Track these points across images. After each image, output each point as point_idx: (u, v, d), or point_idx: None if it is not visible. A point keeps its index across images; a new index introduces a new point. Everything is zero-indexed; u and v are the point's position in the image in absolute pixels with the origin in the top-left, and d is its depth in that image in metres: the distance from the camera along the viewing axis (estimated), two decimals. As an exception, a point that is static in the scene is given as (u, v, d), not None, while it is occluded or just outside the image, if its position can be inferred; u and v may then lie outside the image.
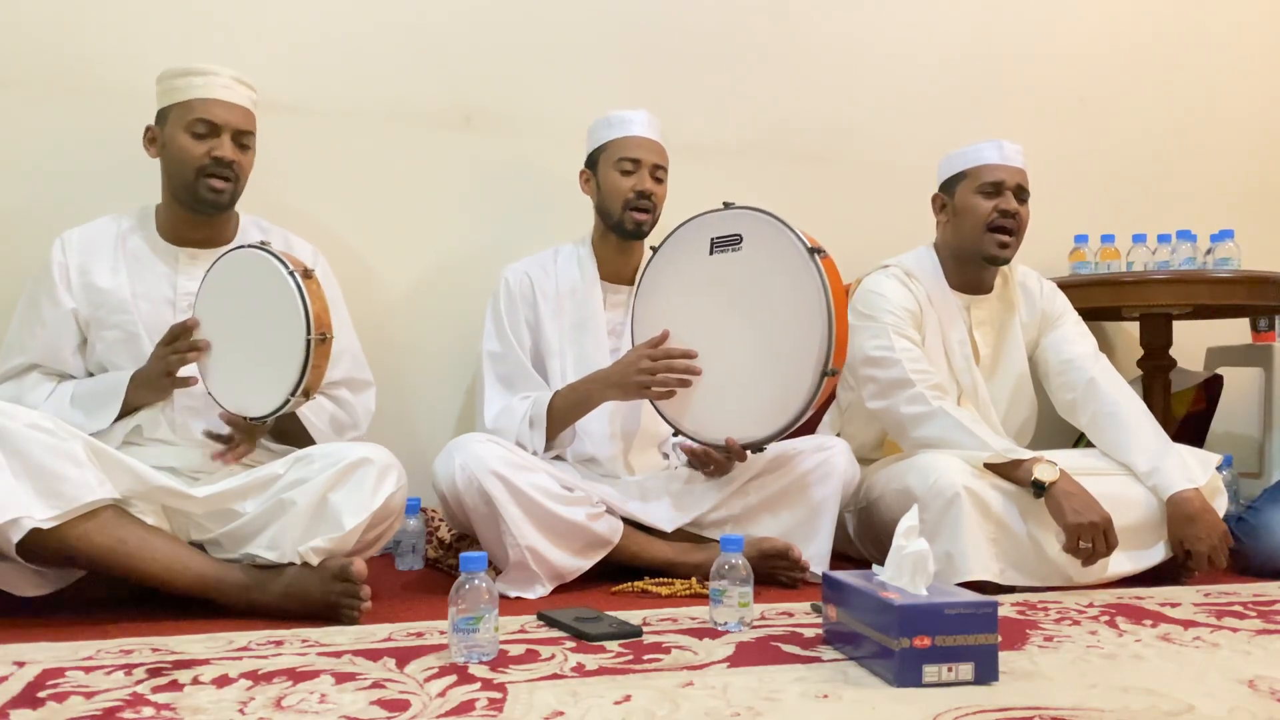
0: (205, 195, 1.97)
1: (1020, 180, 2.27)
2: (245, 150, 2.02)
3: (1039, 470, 1.99)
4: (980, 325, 2.32)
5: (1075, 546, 1.94)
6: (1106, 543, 1.94)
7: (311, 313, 1.73)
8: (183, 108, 1.97)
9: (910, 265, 2.33)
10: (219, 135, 1.97)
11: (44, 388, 1.95)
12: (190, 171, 1.96)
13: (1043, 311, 2.37)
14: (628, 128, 2.26)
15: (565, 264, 2.33)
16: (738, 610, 1.60)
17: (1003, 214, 2.23)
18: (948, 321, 2.28)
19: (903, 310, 2.23)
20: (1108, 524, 1.95)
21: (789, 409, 1.93)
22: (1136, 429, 2.17)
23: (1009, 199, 2.25)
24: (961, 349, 2.28)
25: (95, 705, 1.21)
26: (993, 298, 2.34)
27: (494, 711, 1.19)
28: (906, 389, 2.15)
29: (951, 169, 2.32)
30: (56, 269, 1.99)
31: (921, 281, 2.30)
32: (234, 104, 1.99)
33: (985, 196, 2.25)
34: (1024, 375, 2.35)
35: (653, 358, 2.01)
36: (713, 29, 2.87)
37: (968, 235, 2.27)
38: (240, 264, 1.84)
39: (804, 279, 1.91)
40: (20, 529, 1.55)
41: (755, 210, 1.98)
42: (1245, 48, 3.38)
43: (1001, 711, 1.19)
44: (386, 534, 1.85)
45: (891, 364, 2.17)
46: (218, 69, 1.99)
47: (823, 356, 1.90)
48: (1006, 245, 2.25)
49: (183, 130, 1.96)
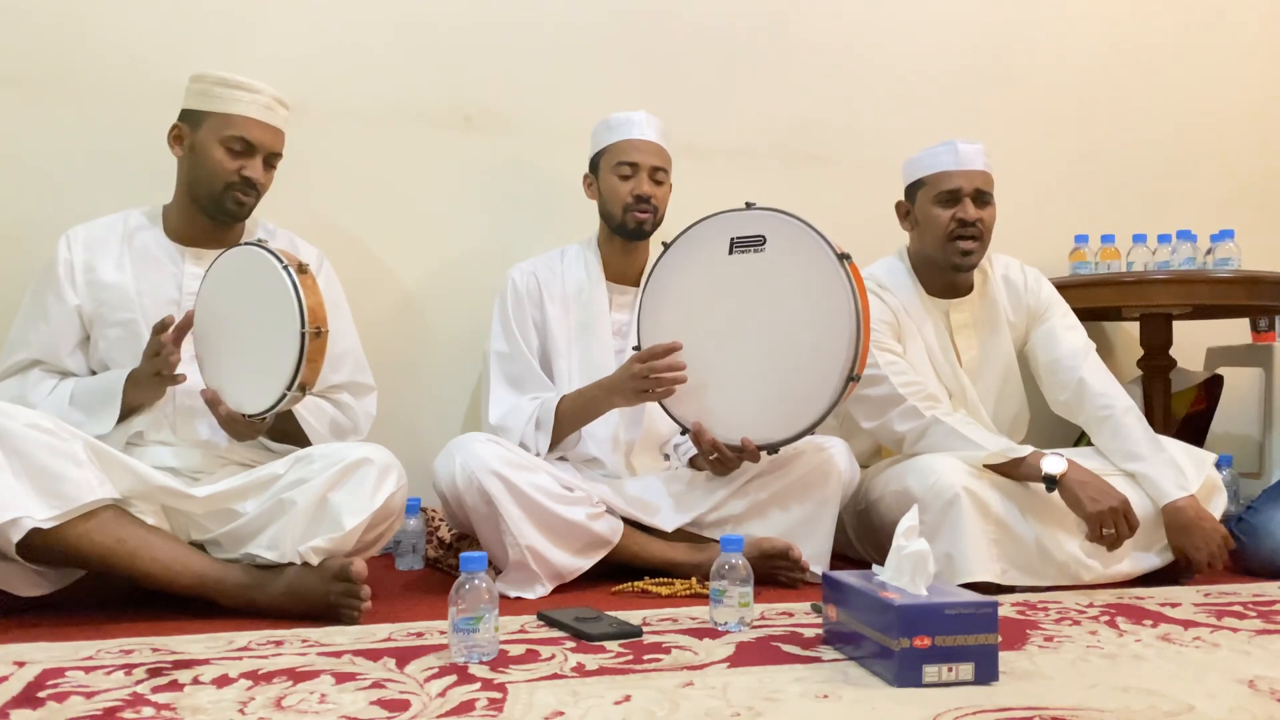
0: (230, 208, 1.99)
1: (979, 184, 2.21)
2: (270, 170, 2.04)
3: (1047, 464, 1.98)
4: (962, 328, 2.30)
5: (1099, 534, 1.93)
6: (1129, 525, 1.94)
7: (305, 306, 1.72)
8: (221, 120, 1.97)
9: (881, 276, 2.31)
10: (253, 155, 1.98)
11: (45, 385, 1.95)
12: (219, 185, 1.97)
13: (1028, 307, 2.34)
14: (626, 130, 2.26)
15: (572, 264, 2.33)
16: (738, 610, 1.60)
17: (961, 224, 2.20)
18: (926, 328, 2.27)
19: (880, 324, 2.19)
20: (1126, 506, 1.94)
21: (811, 412, 1.94)
22: (1128, 434, 2.14)
23: (967, 207, 2.20)
24: (945, 355, 2.27)
25: (95, 705, 1.21)
26: (973, 298, 2.32)
27: (494, 711, 1.19)
28: (897, 405, 2.15)
29: (910, 175, 2.29)
30: (62, 265, 1.99)
31: (894, 291, 2.28)
32: (271, 125, 2.01)
33: (943, 205, 2.21)
34: (1012, 372, 2.33)
35: (641, 360, 2.01)
36: (713, 29, 2.87)
37: (930, 245, 2.25)
38: (237, 262, 1.84)
39: (833, 283, 1.91)
40: (20, 529, 1.55)
41: (780, 212, 1.98)
42: (1245, 48, 3.38)
43: (1001, 711, 1.19)
44: (387, 534, 1.85)
45: (879, 381, 2.16)
46: (261, 86, 1.99)
47: (849, 361, 1.90)
48: (970, 252, 2.22)
49: (218, 142, 1.97)
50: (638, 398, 2.06)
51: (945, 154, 2.22)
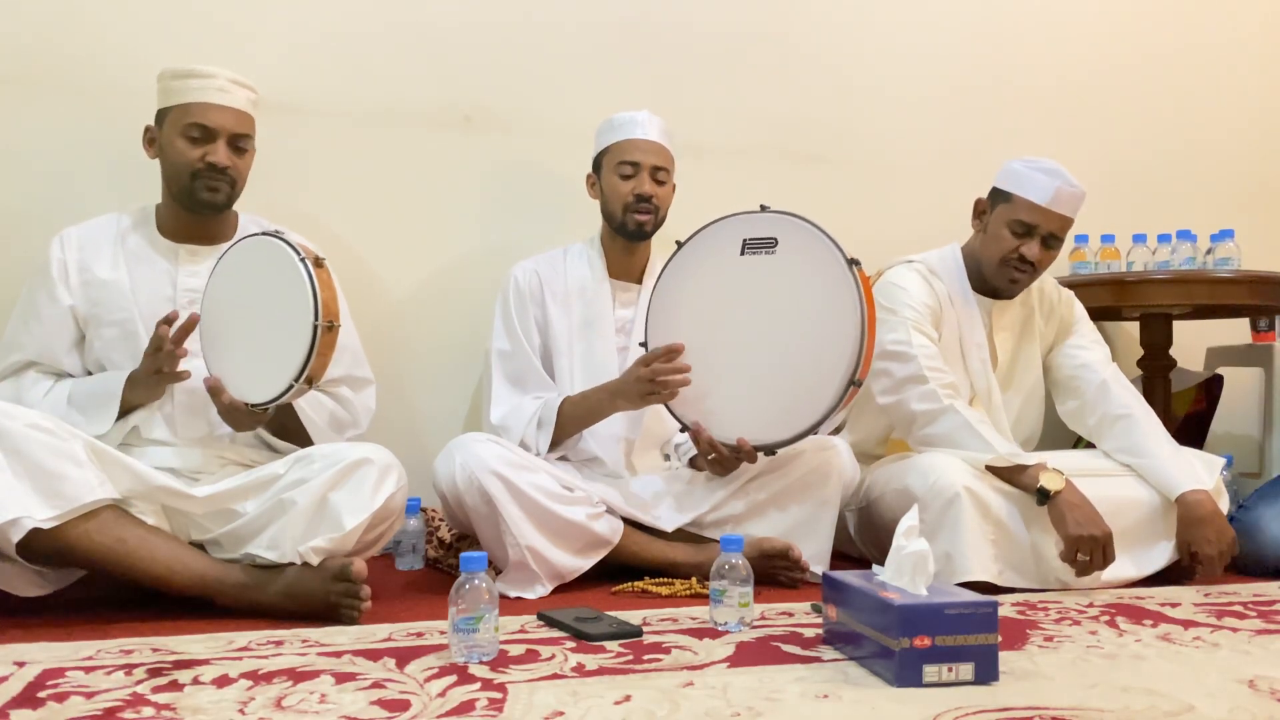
0: (203, 197, 1.98)
1: (1056, 228, 2.18)
2: (242, 153, 2.01)
3: (1045, 479, 1.98)
4: (1001, 330, 2.31)
5: (1073, 557, 1.94)
6: (1105, 557, 1.94)
7: (320, 299, 1.73)
8: (179, 110, 1.97)
9: (934, 263, 2.31)
10: (214, 140, 1.96)
11: (41, 386, 1.95)
12: (185, 175, 1.97)
13: (1060, 319, 2.36)
14: (629, 130, 2.27)
15: (575, 262, 2.33)
16: (738, 610, 1.60)
17: (1021, 259, 2.19)
18: (967, 323, 2.27)
19: (923, 306, 2.21)
20: (1108, 539, 1.94)
21: (809, 415, 1.94)
22: (1148, 431, 2.17)
23: (1033, 246, 2.18)
24: (979, 352, 2.27)
25: (95, 705, 1.21)
26: (1016, 303, 2.33)
27: (494, 711, 1.19)
28: (919, 385, 2.14)
29: (1004, 184, 2.23)
30: (55, 266, 1.99)
31: (944, 280, 2.29)
32: (229, 107, 1.98)
33: (1014, 233, 2.20)
34: (1038, 384, 2.35)
35: (645, 363, 2.01)
36: (713, 29, 2.87)
37: (986, 257, 2.26)
38: (253, 251, 1.84)
39: (841, 288, 1.92)
40: (20, 529, 1.55)
41: (792, 215, 1.98)
42: (1245, 48, 3.38)
43: (1001, 711, 1.19)
44: (387, 534, 1.85)
45: (908, 359, 2.16)
46: (215, 71, 1.97)
47: (851, 366, 1.91)
48: (1016, 282, 2.23)
49: (178, 134, 1.96)
50: (643, 400, 2.06)
51: (1045, 186, 2.15)
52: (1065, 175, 2.17)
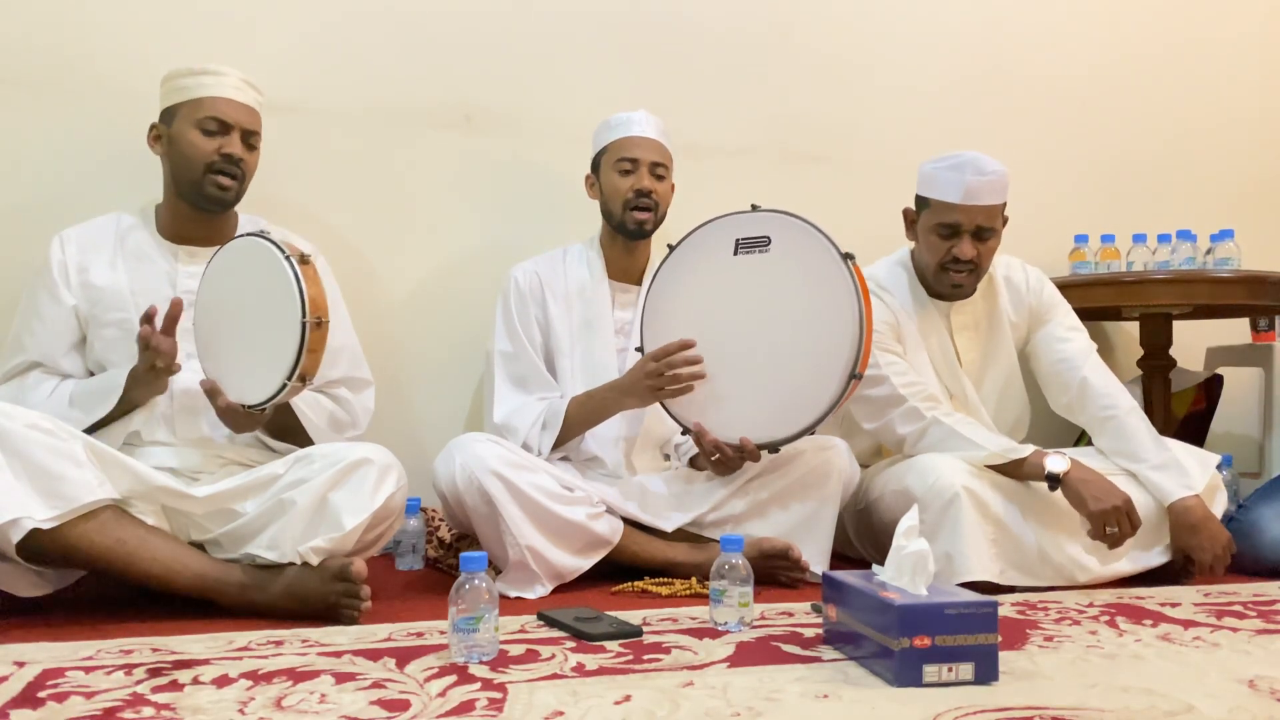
0: (212, 192, 1.98)
1: (981, 220, 2.13)
2: (252, 150, 2.04)
3: (1050, 463, 1.99)
4: (963, 330, 2.30)
5: (1102, 533, 1.94)
6: (1131, 523, 1.94)
7: (306, 296, 1.72)
8: (193, 105, 1.98)
9: (882, 278, 2.30)
10: (229, 133, 1.99)
11: (45, 386, 1.95)
12: (199, 167, 1.97)
13: (1030, 307, 2.32)
14: (626, 128, 2.27)
15: (574, 263, 2.33)
16: (738, 610, 1.60)
17: (956, 260, 2.16)
18: (927, 331, 2.26)
19: (881, 325, 2.17)
20: (1129, 505, 1.95)
21: (813, 410, 1.94)
22: (1132, 434, 2.15)
23: (964, 245, 2.14)
24: (945, 356, 2.26)
25: (95, 705, 1.21)
26: (974, 300, 2.30)
27: (494, 711, 1.19)
28: (898, 406, 2.15)
29: (921, 189, 2.22)
30: (55, 266, 1.99)
31: (894, 293, 2.28)
32: (243, 104, 2.02)
33: (941, 237, 2.17)
34: (1014, 374, 2.33)
35: (655, 358, 2.01)
36: (713, 29, 2.87)
37: (924, 266, 2.25)
38: (239, 253, 1.84)
39: (836, 283, 1.92)
40: (20, 529, 1.55)
41: (784, 213, 1.99)
42: (1245, 48, 3.38)
43: (1001, 711, 1.19)
44: (387, 534, 1.85)
45: (880, 381, 2.15)
46: (227, 70, 2.01)
47: (852, 359, 1.91)
48: (960, 285, 2.20)
49: (193, 126, 1.98)
50: (653, 396, 2.06)
51: (954, 183, 2.12)
52: (976, 164, 2.12)
